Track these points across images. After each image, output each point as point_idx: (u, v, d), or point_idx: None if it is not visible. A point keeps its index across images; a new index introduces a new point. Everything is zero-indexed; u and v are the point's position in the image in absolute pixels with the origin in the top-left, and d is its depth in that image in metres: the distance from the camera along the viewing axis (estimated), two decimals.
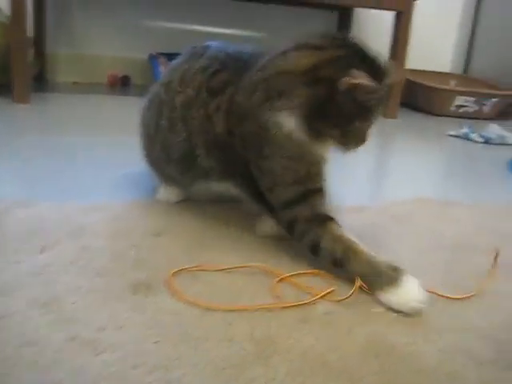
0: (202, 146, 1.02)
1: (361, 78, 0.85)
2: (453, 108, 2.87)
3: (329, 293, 0.87)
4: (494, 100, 2.90)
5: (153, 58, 2.46)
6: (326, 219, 0.93)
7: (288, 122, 0.90)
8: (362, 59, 0.90)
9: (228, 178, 1.03)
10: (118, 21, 2.77)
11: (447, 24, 3.39)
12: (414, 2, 2.50)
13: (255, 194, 0.99)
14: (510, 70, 3.08)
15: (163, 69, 2.40)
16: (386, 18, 2.57)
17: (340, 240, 0.90)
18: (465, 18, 3.38)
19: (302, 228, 0.93)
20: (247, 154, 0.96)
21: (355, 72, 0.86)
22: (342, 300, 0.85)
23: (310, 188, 0.94)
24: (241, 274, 0.92)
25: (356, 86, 0.86)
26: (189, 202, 1.20)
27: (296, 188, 0.93)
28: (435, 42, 3.35)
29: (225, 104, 0.97)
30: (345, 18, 3.06)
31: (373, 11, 2.94)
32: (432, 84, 2.85)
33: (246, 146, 0.96)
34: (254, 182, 0.98)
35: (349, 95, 0.87)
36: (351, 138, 0.93)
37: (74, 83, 2.71)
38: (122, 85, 2.73)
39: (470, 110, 2.90)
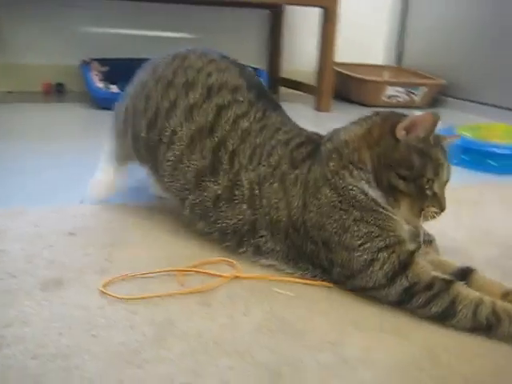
0: (267, 227, 0.96)
1: (414, 118, 0.88)
2: (384, 98, 2.97)
3: (233, 277, 0.93)
4: (423, 89, 3.01)
5: (84, 65, 2.48)
6: (448, 281, 0.85)
7: (369, 189, 0.89)
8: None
9: (291, 261, 0.96)
10: (49, 28, 2.77)
11: (377, 17, 3.48)
12: None
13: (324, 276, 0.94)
14: (439, 60, 3.20)
15: (96, 74, 2.42)
16: (316, 14, 2.64)
17: (481, 303, 0.82)
18: (394, 10, 3.49)
19: (424, 297, 0.84)
20: (325, 234, 0.90)
21: (407, 117, 0.89)
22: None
23: (408, 252, 0.88)
24: (150, 267, 0.96)
25: (413, 124, 0.87)
26: (109, 205, 1.24)
27: (393, 258, 0.86)
28: (367, 36, 3.44)
29: (303, 175, 0.94)
30: (276, 16, 3.13)
31: (303, 8, 3.02)
32: (362, 76, 2.95)
33: (324, 223, 0.90)
34: (326, 269, 0.93)
35: (410, 143, 0.88)
36: (427, 198, 0.88)
37: (9, 92, 2.70)
38: (56, 92, 2.74)
39: (402, 99, 3.01)
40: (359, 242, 0.87)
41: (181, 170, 1.03)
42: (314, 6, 2.60)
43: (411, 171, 0.87)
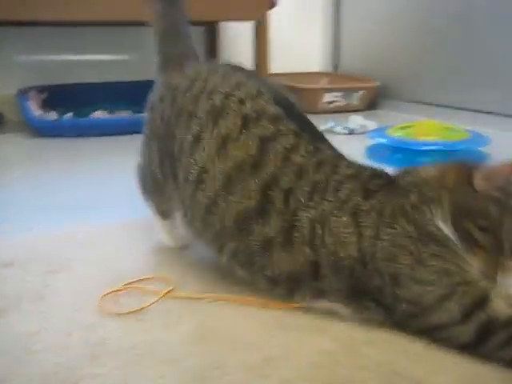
0: (330, 266, 0.88)
1: (493, 168, 0.84)
2: (323, 104, 3.06)
3: (167, 293, 0.97)
4: (360, 92, 3.11)
5: (20, 94, 2.48)
6: None
7: (446, 227, 0.84)
8: None
9: (352, 301, 0.89)
10: None
11: (310, 26, 3.58)
12: (269, 11, 2.66)
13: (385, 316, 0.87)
14: (374, 63, 3.31)
15: (33, 103, 2.43)
16: (249, 28, 2.72)
17: None
18: (326, 16, 3.59)
19: (504, 336, 0.77)
20: (395, 266, 0.84)
21: (485, 165, 0.86)
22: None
23: (485, 289, 0.82)
24: (86, 289, 1.00)
25: (491, 173, 0.83)
26: (47, 234, 1.27)
27: (470, 292, 0.81)
28: (302, 45, 3.54)
29: (379, 205, 0.88)
30: (211, 32, 3.19)
31: (236, 23, 3.09)
32: (299, 84, 3.03)
33: (397, 255, 0.84)
34: (389, 307, 0.86)
35: (487, 193, 0.83)
36: (506, 253, 0.83)
37: None
38: None
39: (341, 104, 3.10)
40: (434, 277, 0.82)
41: (216, 214, 0.95)
42: (244, 20, 2.68)
43: (489, 221, 0.82)
